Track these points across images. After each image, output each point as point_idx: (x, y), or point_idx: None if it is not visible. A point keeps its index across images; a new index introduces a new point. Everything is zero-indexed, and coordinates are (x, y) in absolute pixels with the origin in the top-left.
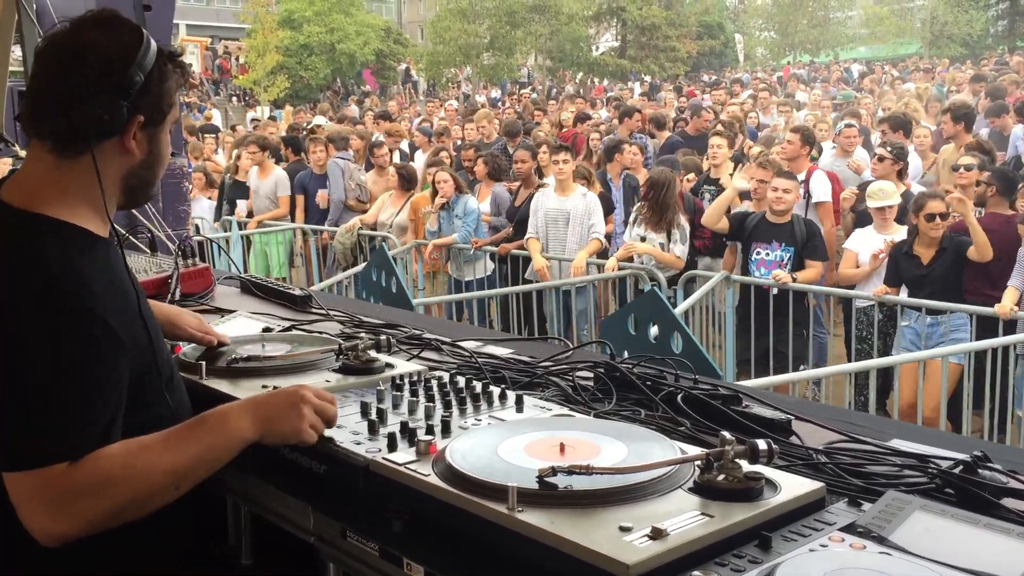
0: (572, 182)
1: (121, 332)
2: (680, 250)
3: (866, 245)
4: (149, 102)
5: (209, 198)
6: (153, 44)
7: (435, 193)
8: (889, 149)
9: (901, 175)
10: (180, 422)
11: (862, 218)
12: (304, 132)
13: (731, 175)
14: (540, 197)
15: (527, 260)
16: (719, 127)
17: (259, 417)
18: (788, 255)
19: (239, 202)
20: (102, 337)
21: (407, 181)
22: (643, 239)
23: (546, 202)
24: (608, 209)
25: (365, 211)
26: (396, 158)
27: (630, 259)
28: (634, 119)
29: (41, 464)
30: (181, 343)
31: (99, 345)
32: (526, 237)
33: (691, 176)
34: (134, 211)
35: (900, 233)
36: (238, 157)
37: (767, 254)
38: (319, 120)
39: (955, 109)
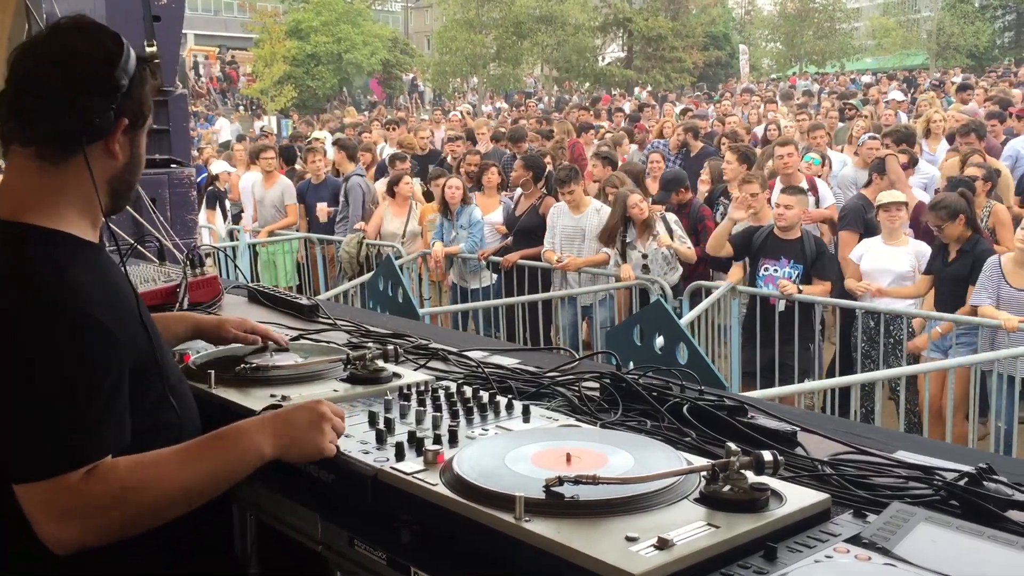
0: (584, 199)
1: (119, 333)
2: (688, 243)
3: (870, 255)
4: (132, 106)
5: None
6: (132, 49)
7: (443, 201)
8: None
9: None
10: (188, 428)
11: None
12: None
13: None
14: (555, 214)
15: (532, 270)
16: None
17: (279, 435)
18: (797, 272)
19: (243, 213)
20: (101, 339)
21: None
22: (644, 256)
23: (561, 219)
24: None
25: None
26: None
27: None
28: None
29: (54, 474)
30: (190, 353)
31: (99, 348)
32: (543, 250)
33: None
34: (142, 220)
35: (911, 245)
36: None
37: (775, 271)
38: (319, 134)
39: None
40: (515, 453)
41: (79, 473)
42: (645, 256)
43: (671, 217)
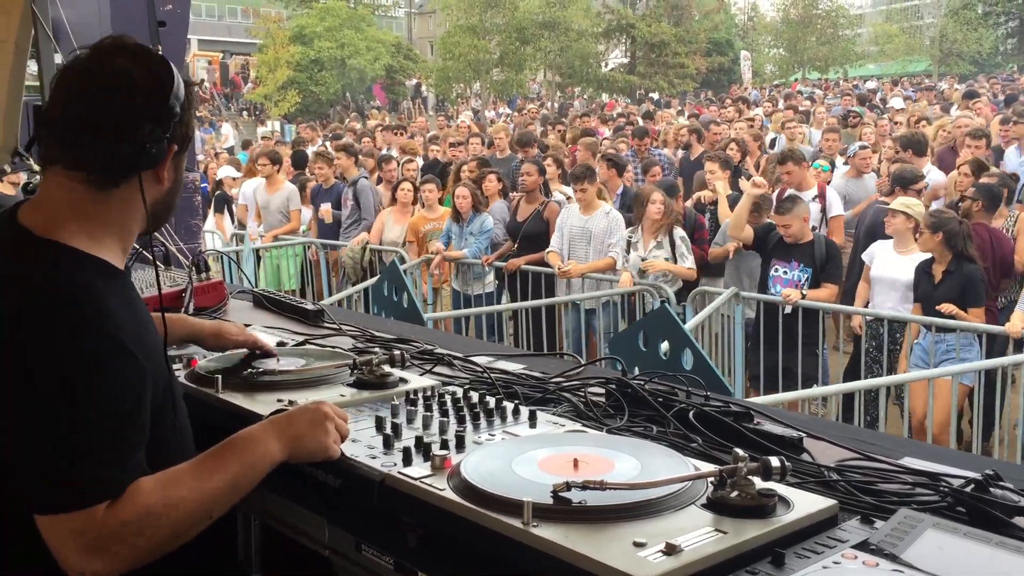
0: (597, 201)
1: (147, 363)
2: (690, 262)
3: (879, 261)
4: (182, 131)
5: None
6: (178, 72)
7: (455, 208)
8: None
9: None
10: (185, 452)
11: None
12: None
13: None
14: (565, 215)
15: (535, 275)
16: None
17: (286, 436)
18: (806, 276)
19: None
20: (130, 368)
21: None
22: (643, 259)
23: (570, 219)
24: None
25: None
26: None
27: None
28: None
29: (83, 505)
30: (196, 357)
31: (128, 376)
32: (547, 251)
33: (706, 193)
34: None
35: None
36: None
37: (785, 272)
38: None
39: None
40: (522, 458)
41: (107, 503)
42: (644, 259)
43: (679, 233)
